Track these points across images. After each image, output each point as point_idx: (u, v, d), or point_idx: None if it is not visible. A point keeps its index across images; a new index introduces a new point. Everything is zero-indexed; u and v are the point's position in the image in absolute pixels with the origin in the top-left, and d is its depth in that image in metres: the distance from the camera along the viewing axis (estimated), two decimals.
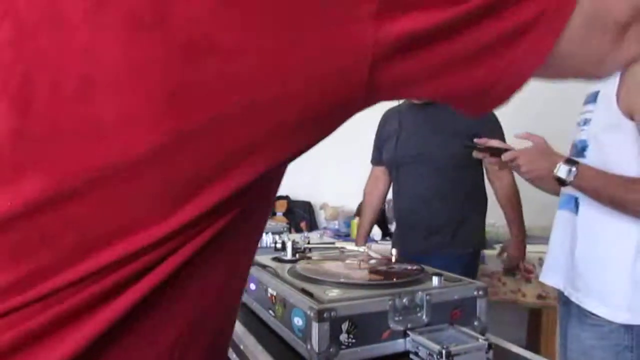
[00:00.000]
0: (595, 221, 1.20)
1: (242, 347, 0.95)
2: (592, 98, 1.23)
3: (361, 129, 3.83)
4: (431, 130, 1.76)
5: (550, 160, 1.21)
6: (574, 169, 1.16)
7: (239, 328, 1.01)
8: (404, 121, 1.86)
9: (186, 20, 0.29)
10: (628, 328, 1.14)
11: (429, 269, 1.00)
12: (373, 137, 3.62)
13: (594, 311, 1.18)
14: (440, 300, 0.87)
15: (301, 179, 3.90)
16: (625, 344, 1.14)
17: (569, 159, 1.19)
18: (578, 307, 1.24)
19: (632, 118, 1.11)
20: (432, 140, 1.76)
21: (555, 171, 1.18)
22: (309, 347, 0.79)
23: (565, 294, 1.28)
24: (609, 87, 1.17)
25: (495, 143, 1.40)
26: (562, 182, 1.19)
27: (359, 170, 3.71)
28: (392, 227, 3.32)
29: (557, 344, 1.39)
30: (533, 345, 2.31)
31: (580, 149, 1.24)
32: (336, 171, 3.73)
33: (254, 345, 0.91)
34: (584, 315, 1.21)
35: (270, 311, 0.97)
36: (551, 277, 1.35)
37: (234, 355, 1.00)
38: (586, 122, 1.24)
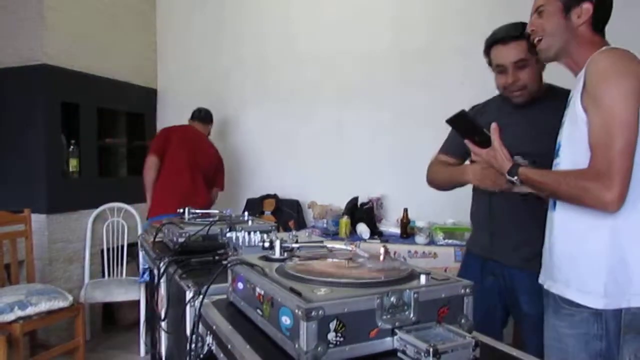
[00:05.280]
0: (569, 217, 1.26)
1: (229, 346, 0.94)
2: (569, 102, 1.29)
3: (349, 129, 3.82)
4: (527, 127, 1.65)
5: (502, 166, 1.36)
6: (515, 177, 1.32)
7: (226, 327, 1.01)
8: (502, 117, 1.70)
9: None
10: (597, 317, 1.18)
11: (416, 267, 1.01)
12: (360, 136, 3.63)
13: (575, 300, 1.22)
14: (428, 299, 0.87)
15: (289, 177, 3.90)
16: (594, 333, 1.18)
17: (514, 165, 1.33)
18: (554, 298, 1.29)
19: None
20: (527, 136, 1.63)
21: (507, 176, 1.35)
22: (297, 346, 0.79)
23: (545, 287, 1.33)
24: (576, 89, 1.25)
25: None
26: (513, 183, 1.35)
27: (347, 168, 3.72)
28: (381, 226, 3.33)
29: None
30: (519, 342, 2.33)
31: (556, 149, 1.31)
32: (324, 170, 3.73)
33: (241, 345, 0.91)
34: (559, 305, 1.26)
35: (258, 310, 0.97)
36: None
37: (222, 355, 0.99)
38: (562, 124, 1.31)
